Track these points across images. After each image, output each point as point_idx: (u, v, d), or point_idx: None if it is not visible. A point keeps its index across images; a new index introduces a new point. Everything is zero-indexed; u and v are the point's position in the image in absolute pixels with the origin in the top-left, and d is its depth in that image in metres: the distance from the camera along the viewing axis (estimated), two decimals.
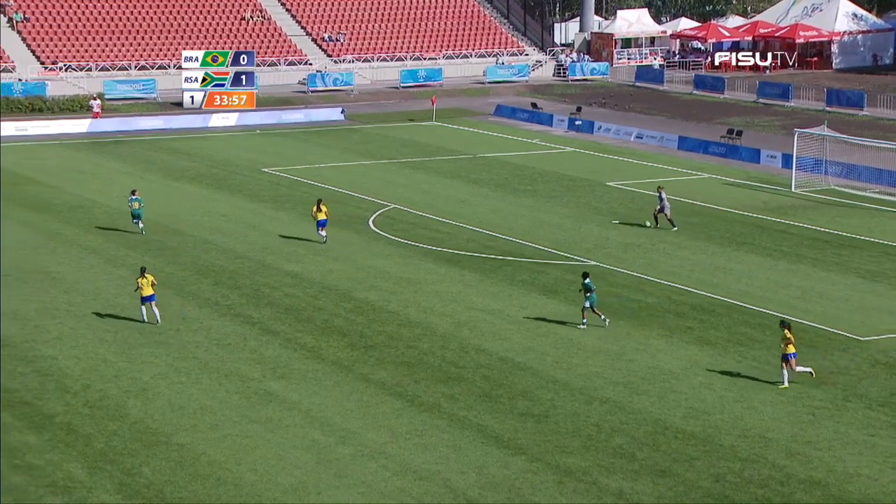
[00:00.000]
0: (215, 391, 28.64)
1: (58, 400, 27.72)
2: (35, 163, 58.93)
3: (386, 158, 62.70)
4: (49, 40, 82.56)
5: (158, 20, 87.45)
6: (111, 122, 71.59)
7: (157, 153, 62.92)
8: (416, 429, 26.72)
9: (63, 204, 49.33)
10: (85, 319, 33.81)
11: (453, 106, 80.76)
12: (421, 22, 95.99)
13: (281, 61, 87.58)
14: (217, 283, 37.98)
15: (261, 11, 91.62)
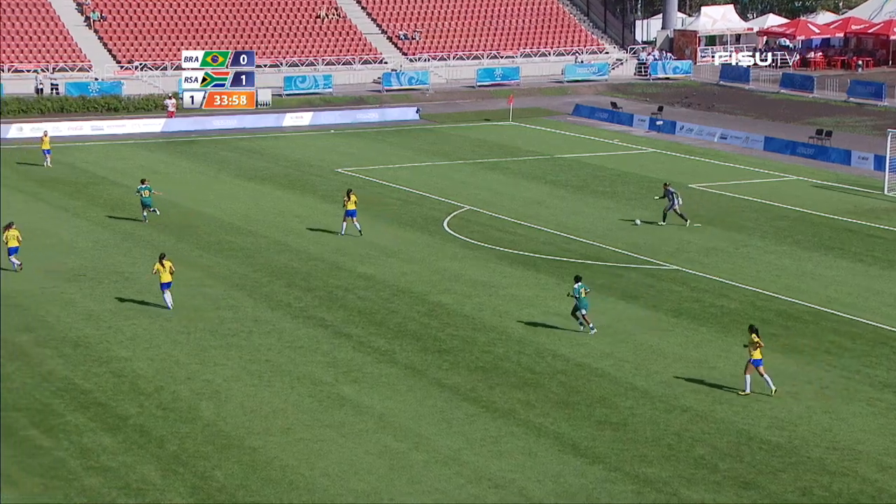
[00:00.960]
0: (287, 394, 28.93)
1: (132, 401, 28.21)
2: (110, 162, 60.06)
3: (461, 159, 62.80)
4: (125, 39, 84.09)
5: (232, 19, 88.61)
6: (185, 121, 72.69)
7: (230, 153, 63.76)
8: (491, 435, 26.72)
9: (137, 204, 50.16)
10: (158, 321, 34.37)
11: (530, 105, 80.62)
12: (498, 19, 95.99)
13: (355, 60, 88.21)
14: (290, 285, 38.36)
15: (336, 9, 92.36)
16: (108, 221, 46.77)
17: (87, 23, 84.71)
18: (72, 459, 24.99)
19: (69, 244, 42.94)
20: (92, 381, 29.44)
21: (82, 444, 25.71)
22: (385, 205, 51.18)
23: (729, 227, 46.83)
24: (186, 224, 46.66)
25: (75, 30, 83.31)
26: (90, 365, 30.56)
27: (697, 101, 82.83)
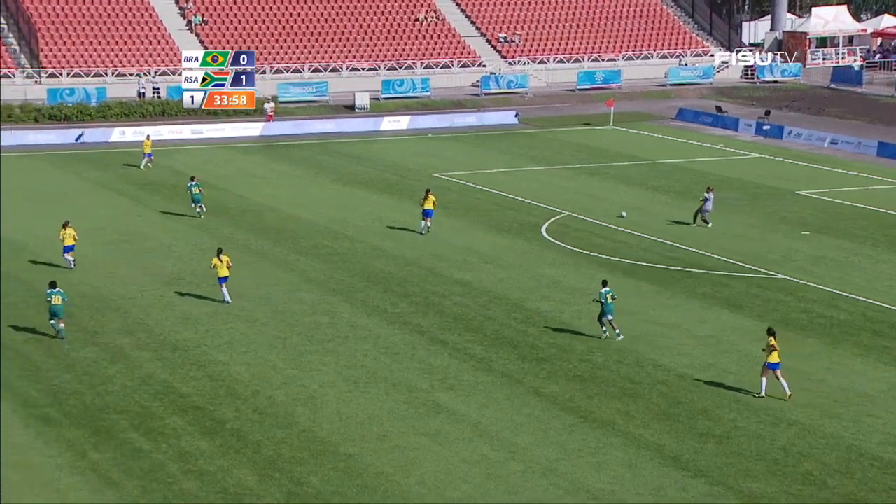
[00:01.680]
0: (383, 401, 29.13)
1: (229, 406, 28.68)
2: (209, 166, 61.18)
3: (560, 164, 62.59)
4: (225, 43, 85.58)
5: (332, 22, 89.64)
6: (283, 125, 73.71)
7: (328, 157, 64.46)
8: (590, 446, 26.57)
9: (235, 208, 51.05)
10: (255, 325, 34.89)
11: (632, 109, 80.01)
12: (600, 22, 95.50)
13: (454, 63, 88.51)
14: (386, 291, 38.62)
15: (435, 12, 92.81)
16: (207, 225, 47.63)
17: (189, 27, 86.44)
18: (170, 463, 25.50)
19: (168, 247, 43.83)
20: (190, 384, 30.01)
21: (180, 448, 26.21)
22: (482, 210, 51.23)
23: (839, 236, 45.90)
24: (283, 228, 47.29)
25: (177, 34, 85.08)
26: (188, 368, 31.15)
27: (806, 104, 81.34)
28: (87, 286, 38.33)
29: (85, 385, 29.70)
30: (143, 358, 31.88)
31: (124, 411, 28.12)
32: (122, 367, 31.09)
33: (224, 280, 36.44)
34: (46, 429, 26.97)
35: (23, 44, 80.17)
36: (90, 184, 55.87)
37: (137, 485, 24.52)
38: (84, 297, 37.15)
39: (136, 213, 49.61)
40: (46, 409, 28.13)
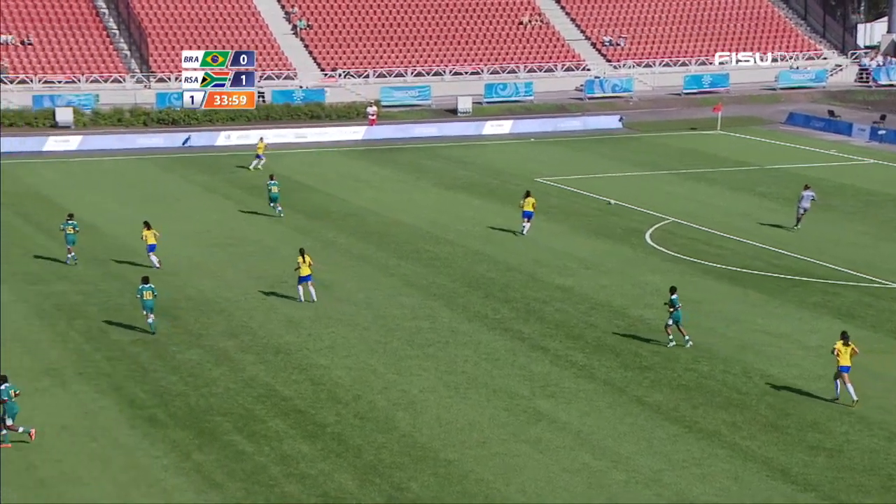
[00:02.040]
0: (483, 407, 29.15)
1: (330, 410, 28.98)
2: (312, 169, 61.95)
3: (665, 169, 61.96)
4: (329, 47, 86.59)
5: (435, 26, 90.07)
6: (386, 129, 74.26)
7: (430, 161, 64.77)
8: (694, 457, 26.24)
9: (338, 211, 51.59)
10: (356, 329, 35.20)
11: (740, 114, 78.85)
12: (708, 23, 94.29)
13: (558, 67, 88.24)
14: (487, 296, 38.65)
15: (539, 15, 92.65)
16: (309, 228, 48.21)
17: (294, 31, 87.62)
18: (272, 465, 25.85)
19: (272, 250, 44.46)
20: (292, 388, 30.39)
21: (282, 451, 26.55)
22: (585, 215, 50.97)
23: None
24: (385, 232, 47.63)
25: (282, 38, 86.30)
26: (290, 372, 31.55)
27: None
28: (193, 288, 39.08)
29: (190, 387, 30.28)
30: (247, 360, 32.39)
31: (228, 413, 28.59)
32: (226, 370, 31.62)
33: (306, 279, 37.24)
34: (152, 430, 27.56)
35: (133, 49, 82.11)
36: (196, 187, 56.97)
37: (240, 487, 24.91)
38: (189, 299, 37.88)
39: (240, 217, 50.41)
40: (153, 410, 28.75)
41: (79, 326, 34.95)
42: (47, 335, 34.13)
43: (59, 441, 26.78)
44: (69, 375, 30.90)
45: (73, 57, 79.74)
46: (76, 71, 78.42)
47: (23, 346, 33.07)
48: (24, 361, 31.83)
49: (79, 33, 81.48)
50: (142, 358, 32.38)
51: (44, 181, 57.79)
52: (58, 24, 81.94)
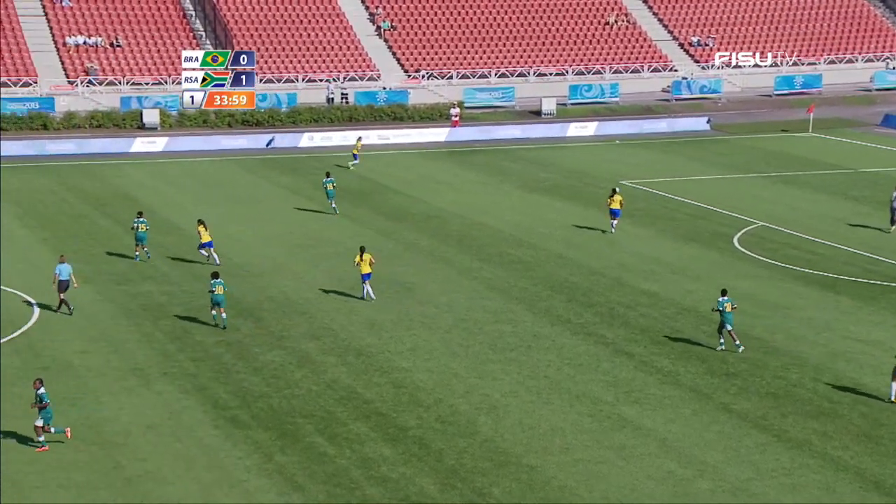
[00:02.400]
0: (566, 413, 29.04)
1: (411, 413, 29.10)
2: (394, 171, 62.26)
3: (755, 172, 61.16)
4: (413, 48, 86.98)
5: (520, 26, 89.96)
6: (469, 130, 74.35)
7: (513, 163, 64.70)
8: (783, 466, 25.86)
9: (419, 213, 51.78)
10: (438, 332, 35.29)
11: (833, 115, 77.54)
12: (800, 23, 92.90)
13: (644, 67, 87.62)
14: (570, 300, 38.51)
15: (626, 15, 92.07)
16: (391, 230, 48.45)
17: (378, 32, 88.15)
18: (354, 468, 26.03)
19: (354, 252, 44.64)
20: (373, 390, 30.57)
21: (364, 454, 26.72)
22: (671, 219, 50.53)
23: None
24: (467, 235, 47.69)
25: (366, 39, 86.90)
26: (372, 374, 31.75)
27: None
28: (275, 289, 39.52)
29: (272, 388, 30.62)
30: (328, 363, 32.65)
31: (310, 415, 28.85)
32: (308, 372, 31.92)
33: (367, 277, 37.90)
34: (235, 430, 27.92)
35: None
36: (279, 188, 57.59)
37: (322, 489, 25.12)
38: (272, 300, 38.31)
39: (323, 218, 50.85)
40: (235, 410, 29.12)
41: (164, 327, 35.55)
42: (133, 335, 34.76)
43: (145, 440, 27.26)
44: (154, 375, 31.44)
45: (160, 59, 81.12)
46: (163, 72, 79.75)
47: (109, 346, 33.72)
48: (111, 361, 32.46)
49: (166, 35, 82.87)
50: (225, 359, 32.82)
51: (130, 182, 58.88)
52: (146, 26, 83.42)
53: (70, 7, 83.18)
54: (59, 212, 51.61)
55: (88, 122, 73.15)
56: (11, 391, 29.96)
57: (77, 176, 60.20)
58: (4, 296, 38.55)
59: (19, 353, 32.90)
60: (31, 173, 60.96)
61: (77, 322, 35.75)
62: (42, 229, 48.19)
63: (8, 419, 28.19)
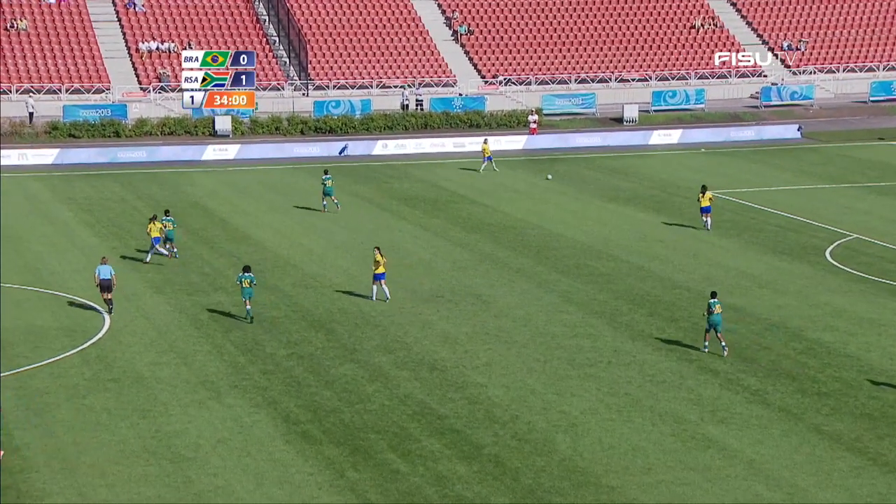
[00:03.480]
0: (648, 432, 28.81)
1: (486, 430, 29.06)
2: (470, 180, 62.33)
3: (848, 182, 60.27)
4: (490, 53, 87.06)
5: (601, 30, 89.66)
6: (547, 138, 74.23)
7: (593, 172, 64.45)
8: (879, 492, 25.40)
9: (496, 224, 51.78)
10: (514, 347, 35.23)
11: None
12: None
13: (731, 73, 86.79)
14: (652, 315, 38.22)
15: (712, 18, 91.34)
16: (467, 241, 48.50)
17: (455, 37, 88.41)
18: (427, 486, 26.06)
19: (427, 263, 44.90)
20: (447, 406, 30.59)
21: (438, 472, 26.75)
22: (760, 230, 49.97)
23: None
24: (545, 246, 47.58)
25: (442, 44, 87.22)
26: (446, 390, 31.77)
27: None
28: (347, 301, 39.75)
29: (344, 402, 30.79)
30: (401, 377, 32.75)
31: (382, 431, 28.96)
32: (380, 386, 32.04)
33: (380, 277, 39.05)
34: (307, 446, 28.11)
35: (292, 56, 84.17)
36: (352, 197, 57.95)
37: None
38: (344, 312, 38.55)
39: (396, 228, 51.08)
40: (307, 425, 29.32)
41: (234, 338, 35.94)
42: (204, 346, 35.19)
43: (215, 455, 27.55)
44: (224, 388, 31.78)
45: None
46: None
47: (180, 358, 34.17)
48: (182, 373, 32.89)
49: (239, 40, 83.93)
50: (296, 372, 33.08)
51: (201, 190, 59.66)
52: (218, 31, 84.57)
53: (143, 12, 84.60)
54: (129, 220, 52.46)
55: (160, 129, 74.34)
56: (82, 403, 30.49)
57: (148, 184, 61.16)
58: (75, 305, 39.26)
59: (89, 363, 33.48)
60: (103, 181, 62.09)
61: (148, 333, 36.30)
62: (112, 238, 49.02)
63: (80, 431, 28.68)
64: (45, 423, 29.08)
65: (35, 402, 30.45)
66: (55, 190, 59.31)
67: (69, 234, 49.58)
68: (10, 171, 64.61)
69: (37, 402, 30.46)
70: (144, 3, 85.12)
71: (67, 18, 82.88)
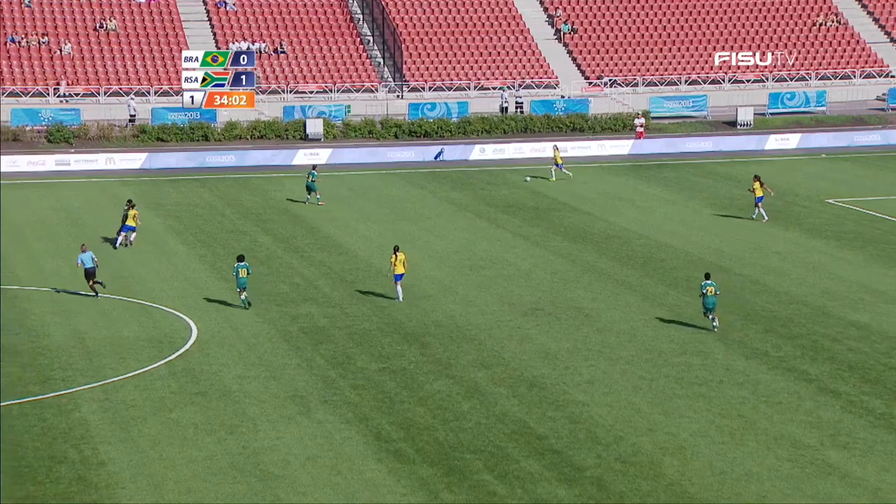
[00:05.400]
0: (763, 456, 28.43)
1: (589, 451, 28.93)
2: (572, 187, 62.16)
3: None
4: (595, 53, 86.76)
5: (714, 28, 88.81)
6: (655, 143, 73.75)
7: (704, 179, 63.88)
8: None
9: (599, 233, 51.57)
10: (619, 363, 35.03)
11: None
12: None
13: (856, 73, 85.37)
14: (767, 331, 37.75)
15: (836, 15, 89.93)
16: (568, 251, 48.37)
17: (557, 35, 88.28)
18: None
19: (526, 274, 44.86)
20: (547, 425, 30.52)
21: (537, 495, 26.69)
22: (886, 242, 49.08)
23: None
24: (652, 257, 47.26)
25: (544, 44, 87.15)
26: (546, 408, 31.70)
27: None
28: (441, 314, 39.89)
29: (438, 420, 30.88)
30: (498, 394, 32.76)
31: (478, 451, 28.98)
32: (476, 403, 32.08)
33: (399, 277, 40.45)
34: (399, 465, 28.24)
35: (387, 56, 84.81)
36: (447, 204, 58.18)
37: None
38: (438, 325, 38.69)
39: (493, 237, 51.13)
40: (399, 443, 29.47)
41: (325, 351, 36.28)
42: (293, 360, 35.58)
43: (304, 472, 27.82)
44: (314, 403, 32.09)
45: (325, 65, 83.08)
46: (328, 80, 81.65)
47: (268, 371, 34.59)
48: (270, 387, 33.28)
49: (332, 40, 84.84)
50: (388, 387, 33.28)
51: (291, 196, 60.33)
52: (311, 31, 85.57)
53: (234, 11, 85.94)
54: (218, 228, 53.30)
55: (250, 132, 75.42)
56: (169, 417, 31.02)
57: (237, 190, 62.09)
58: (162, 315, 40.01)
59: (176, 376, 34.06)
60: (191, 186, 63.20)
61: (236, 345, 36.81)
62: (200, 246, 49.84)
63: (166, 446, 29.17)
64: (131, 437, 29.64)
65: (121, 415, 31.06)
66: (143, 195, 60.47)
67: (157, 241, 50.52)
68: (98, 176, 66.11)
69: (123, 415, 31.07)
70: (236, 1, 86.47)
71: (157, 18, 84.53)
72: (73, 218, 55.62)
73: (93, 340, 37.02)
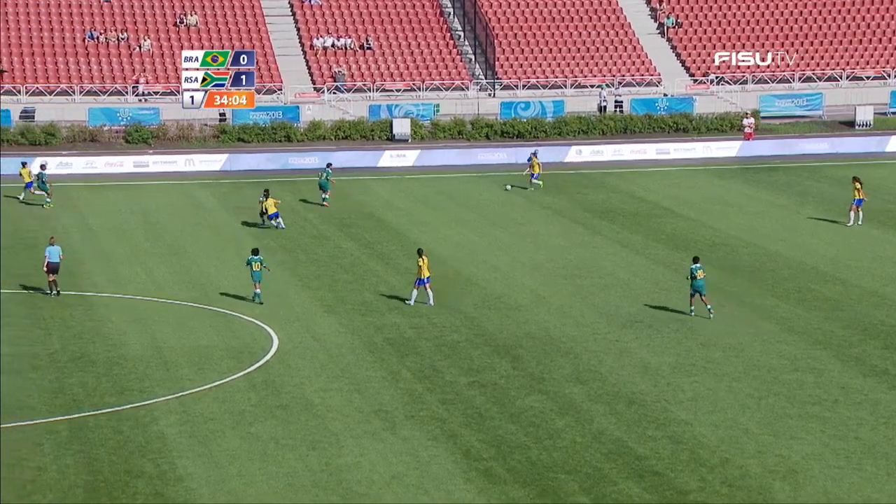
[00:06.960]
0: (883, 482, 27.96)
1: (692, 474, 28.67)
2: (675, 191, 61.73)
3: None
4: (701, 49, 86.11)
5: (831, 21, 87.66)
6: (765, 144, 72.97)
7: (818, 183, 63.10)
8: None
9: (704, 241, 51.15)
10: (724, 380, 34.69)
11: None
12: None
13: None
14: (887, 347, 37.17)
15: None
16: (671, 259, 48.02)
17: (660, 30, 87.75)
18: None
19: (626, 284, 44.62)
20: (647, 445, 30.30)
21: None
22: None
23: None
24: (761, 266, 46.77)
25: (646, 39, 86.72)
26: (645, 426, 31.48)
27: None
28: (535, 325, 39.81)
29: (531, 438, 30.81)
30: (595, 411, 32.61)
31: (573, 471, 28.86)
32: (572, 420, 31.96)
33: (424, 282, 41.13)
34: (489, 485, 28.22)
35: (478, 52, 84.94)
36: (541, 209, 58.07)
37: None
38: (531, 337, 38.61)
39: (590, 244, 50.92)
40: (489, 462, 29.45)
41: (411, 364, 36.39)
42: (378, 372, 35.73)
43: (389, 491, 27.91)
44: (399, 419, 32.19)
45: (413, 62, 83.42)
46: (416, 77, 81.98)
47: (352, 384, 34.77)
48: (354, 401, 33.46)
49: (420, 36, 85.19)
50: (478, 402, 33.28)
51: (377, 200, 60.70)
52: (399, 25, 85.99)
53: (319, 6, 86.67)
54: (300, 233, 53.75)
55: (334, 133, 76.01)
56: (249, 431, 31.31)
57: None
58: (241, 324, 40.44)
59: (255, 388, 34.38)
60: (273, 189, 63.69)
61: (318, 356, 37.07)
62: (282, 251, 50.27)
63: (246, 462, 29.45)
64: (210, 451, 29.97)
65: (200, 428, 31.42)
66: (223, 198, 61.24)
67: (237, 247, 51.04)
68: (176, 178, 67.08)
69: (201, 428, 31.42)
70: None
71: (239, 13, 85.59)
72: (151, 221, 56.45)
73: (170, 350, 37.53)
